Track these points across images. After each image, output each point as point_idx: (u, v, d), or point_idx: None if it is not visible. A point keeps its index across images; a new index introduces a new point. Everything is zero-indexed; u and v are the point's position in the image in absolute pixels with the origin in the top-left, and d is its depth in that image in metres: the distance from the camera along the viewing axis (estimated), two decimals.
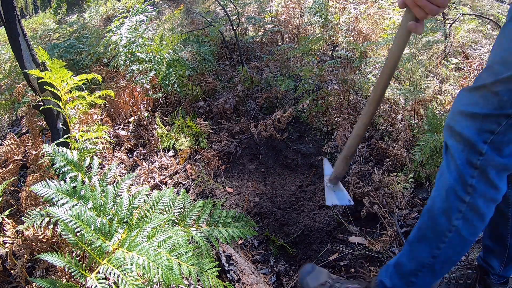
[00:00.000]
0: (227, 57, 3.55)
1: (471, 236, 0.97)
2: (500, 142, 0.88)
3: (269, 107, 2.73)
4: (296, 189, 2.01)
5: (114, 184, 1.17)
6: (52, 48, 3.34)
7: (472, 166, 0.91)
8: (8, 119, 3.18)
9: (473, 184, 0.91)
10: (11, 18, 1.63)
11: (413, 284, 1.08)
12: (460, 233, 0.97)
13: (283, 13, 4.13)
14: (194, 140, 2.33)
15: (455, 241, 0.98)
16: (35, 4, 17.19)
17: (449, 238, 0.98)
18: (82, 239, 0.91)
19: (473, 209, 0.93)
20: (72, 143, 1.54)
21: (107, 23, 5.78)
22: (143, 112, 2.81)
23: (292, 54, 2.97)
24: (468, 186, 0.92)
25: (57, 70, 1.46)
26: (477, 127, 0.90)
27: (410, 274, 1.08)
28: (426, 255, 1.04)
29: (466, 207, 0.94)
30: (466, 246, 1.00)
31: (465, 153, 0.92)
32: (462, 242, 0.98)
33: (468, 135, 0.91)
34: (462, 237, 0.97)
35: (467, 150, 0.92)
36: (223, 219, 1.23)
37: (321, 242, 1.60)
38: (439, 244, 1.01)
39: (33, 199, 1.58)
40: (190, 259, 0.95)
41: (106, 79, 2.91)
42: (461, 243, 0.99)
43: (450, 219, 0.96)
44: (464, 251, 1.02)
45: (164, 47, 2.71)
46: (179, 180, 2.07)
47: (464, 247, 1.01)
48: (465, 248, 1.01)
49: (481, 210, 0.93)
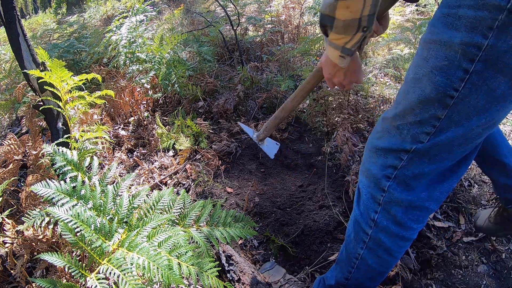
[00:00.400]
0: (227, 57, 3.55)
1: (380, 267, 0.98)
2: (404, 176, 0.86)
3: (269, 107, 2.73)
4: (296, 189, 2.01)
5: (114, 184, 1.17)
6: (52, 48, 3.34)
7: (376, 202, 0.91)
8: (8, 119, 3.18)
9: (375, 219, 0.92)
10: (11, 18, 1.63)
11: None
12: (367, 262, 0.99)
13: (283, 13, 4.12)
14: (194, 140, 2.33)
15: (364, 268, 1.01)
16: (35, 4, 17.19)
17: (357, 265, 1.01)
18: (82, 239, 0.91)
19: (376, 243, 0.95)
20: (72, 143, 1.54)
21: (107, 23, 5.78)
22: (143, 112, 2.81)
23: (292, 54, 2.97)
24: (371, 221, 0.93)
25: (57, 70, 1.46)
26: (381, 162, 0.89)
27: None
28: (341, 275, 1.08)
29: (369, 239, 0.96)
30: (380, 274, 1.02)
31: (370, 189, 0.93)
32: (372, 271, 1.00)
33: (374, 171, 0.91)
34: (370, 266, 0.99)
35: (372, 186, 0.92)
36: (223, 219, 1.23)
37: (321, 242, 1.60)
38: (350, 268, 1.04)
39: (33, 199, 1.57)
40: (190, 259, 0.95)
41: (106, 79, 2.91)
42: (370, 271, 1.00)
43: (356, 247, 0.99)
44: (378, 278, 1.03)
45: (164, 47, 2.71)
46: (179, 180, 2.07)
47: (376, 275, 1.02)
48: (379, 276, 1.03)
49: (386, 245, 0.93)
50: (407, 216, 0.88)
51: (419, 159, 0.84)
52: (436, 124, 0.78)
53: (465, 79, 0.71)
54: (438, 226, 1.61)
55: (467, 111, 0.74)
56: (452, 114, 0.76)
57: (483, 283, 1.39)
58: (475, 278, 1.41)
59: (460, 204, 1.70)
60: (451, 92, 0.73)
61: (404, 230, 0.90)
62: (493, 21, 0.64)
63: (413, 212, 0.88)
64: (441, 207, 1.70)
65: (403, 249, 0.95)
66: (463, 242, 1.55)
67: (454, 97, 0.74)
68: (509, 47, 0.65)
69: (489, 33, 0.65)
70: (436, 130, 0.79)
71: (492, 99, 0.72)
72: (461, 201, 1.71)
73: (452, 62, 0.71)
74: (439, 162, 0.84)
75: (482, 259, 1.48)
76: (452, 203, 1.71)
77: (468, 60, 0.69)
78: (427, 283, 1.39)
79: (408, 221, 0.89)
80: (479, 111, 0.74)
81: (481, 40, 0.66)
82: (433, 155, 0.83)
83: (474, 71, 0.69)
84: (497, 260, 1.47)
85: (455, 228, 1.61)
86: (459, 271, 1.44)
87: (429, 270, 1.45)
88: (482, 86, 0.71)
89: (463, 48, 0.69)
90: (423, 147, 0.82)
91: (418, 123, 0.80)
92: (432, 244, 1.53)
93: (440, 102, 0.75)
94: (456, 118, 0.76)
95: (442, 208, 1.69)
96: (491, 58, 0.67)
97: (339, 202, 1.77)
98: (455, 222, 1.64)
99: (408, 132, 0.83)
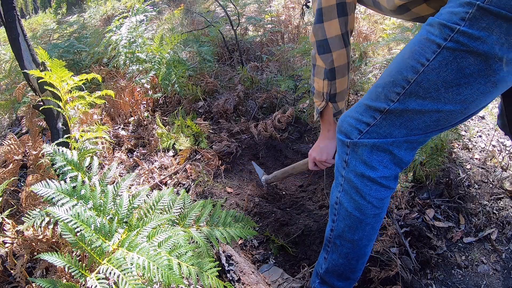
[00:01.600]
0: (227, 57, 3.55)
1: (355, 210, 1.03)
2: (376, 133, 0.97)
3: (269, 107, 2.73)
4: (296, 189, 2.01)
5: (114, 184, 1.17)
6: (52, 48, 3.34)
7: (345, 145, 1.02)
8: (8, 119, 3.18)
9: (346, 160, 1.02)
10: (11, 18, 1.63)
11: (325, 260, 1.17)
12: (343, 205, 1.05)
13: (283, 13, 4.13)
14: (194, 140, 2.33)
15: (342, 214, 1.07)
16: (35, 4, 17.19)
17: (337, 210, 1.08)
18: (82, 239, 0.91)
19: (348, 183, 1.03)
20: (72, 143, 1.54)
21: (107, 23, 5.78)
22: (143, 112, 2.81)
23: (292, 54, 2.97)
24: (344, 162, 1.03)
25: (57, 70, 1.46)
26: (357, 117, 1.01)
27: (324, 249, 1.19)
28: (328, 229, 1.14)
29: (344, 181, 1.04)
30: (358, 223, 1.05)
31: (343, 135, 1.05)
32: (349, 217, 1.05)
33: (350, 121, 1.03)
34: (347, 211, 1.05)
35: (344, 134, 1.04)
36: (223, 219, 1.23)
37: (321, 242, 1.60)
38: (333, 216, 1.11)
39: (33, 199, 1.58)
40: (190, 259, 0.95)
41: (106, 79, 2.91)
42: (348, 217, 1.06)
43: (335, 192, 1.08)
44: (358, 228, 1.06)
45: (164, 47, 2.71)
46: (179, 180, 2.07)
47: (354, 222, 1.06)
48: (358, 225, 1.06)
49: (356, 185, 1.01)
50: (372, 157, 0.97)
51: (391, 120, 0.93)
52: (405, 86, 0.89)
53: (436, 52, 0.83)
54: (438, 226, 1.61)
55: (436, 82, 0.85)
56: (422, 80, 0.86)
57: (483, 283, 1.39)
58: (475, 278, 1.41)
59: (460, 204, 1.70)
60: (423, 60, 0.85)
61: (370, 169, 0.98)
62: (465, 14, 0.78)
63: (378, 152, 0.97)
64: (441, 207, 1.70)
65: (373, 193, 1.00)
66: (463, 242, 1.55)
67: (424, 65, 0.85)
68: (479, 35, 0.78)
69: (461, 22, 0.79)
70: (405, 91, 0.89)
71: (461, 76, 0.82)
72: (461, 201, 1.71)
73: (429, 36, 0.85)
74: (409, 129, 0.92)
75: (482, 259, 1.48)
76: (452, 203, 1.71)
77: (442, 38, 0.82)
78: (427, 283, 1.40)
79: (373, 161, 0.97)
80: (447, 85, 0.84)
81: (455, 24, 0.80)
82: (404, 120, 0.92)
83: (445, 47, 0.82)
84: (497, 260, 1.47)
85: (455, 228, 1.61)
86: (459, 271, 1.44)
87: (429, 270, 1.45)
88: (452, 62, 0.82)
89: (440, 28, 0.83)
90: (394, 108, 0.91)
91: (392, 83, 0.92)
92: (432, 244, 1.53)
93: (412, 68, 0.87)
94: (425, 85, 0.86)
95: (442, 208, 1.70)
96: (462, 40, 0.80)
97: None
98: (455, 222, 1.64)
99: (382, 90, 0.94)
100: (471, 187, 1.80)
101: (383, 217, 1.07)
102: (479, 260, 1.47)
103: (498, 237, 1.56)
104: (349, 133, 1.00)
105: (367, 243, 1.09)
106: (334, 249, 1.13)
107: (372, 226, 1.06)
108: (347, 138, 1.01)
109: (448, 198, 1.74)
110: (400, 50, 1.00)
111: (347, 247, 1.10)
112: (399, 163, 0.98)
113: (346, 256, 1.11)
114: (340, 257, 1.12)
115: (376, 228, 1.08)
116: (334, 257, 1.14)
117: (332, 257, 1.14)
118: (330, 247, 1.15)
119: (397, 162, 0.97)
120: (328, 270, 1.16)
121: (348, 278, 1.16)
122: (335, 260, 1.14)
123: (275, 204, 1.88)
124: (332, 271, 1.16)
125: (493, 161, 1.97)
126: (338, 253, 1.12)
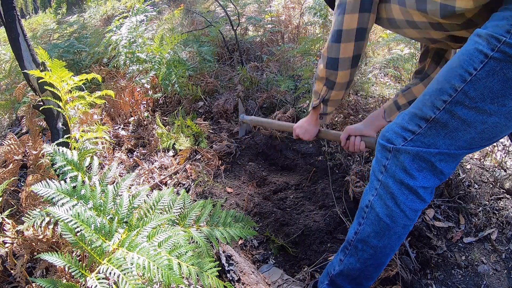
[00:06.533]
0: (227, 57, 3.55)
1: (386, 217, 1.02)
2: (420, 142, 0.97)
3: (269, 107, 2.73)
4: (296, 189, 2.01)
5: (114, 184, 1.18)
6: (52, 48, 3.34)
7: (387, 150, 1.02)
8: (8, 119, 3.18)
9: (386, 165, 1.02)
10: (11, 18, 1.63)
11: (341, 262, 1.15)
12: (375, 210, 1.04)
13: (283, 13, 4.12)
14: (194, 140, 2.33)
15: (372, 218, 1.06)
16: (35, 4, 17.20)
17: (366, 213, 1.07)
18: (82, 239, 0.91)
19: (385, 189, 1.02)
20: (72, 143, 1.54)
21: (107, 23, 5.78)
22: (143, 112, 2.81)
23: (292, 54, 2.97)
24: (382, 167, 1.03)
25: (57, 70, 1.46)
26: (403, 124, 1.01)
27: (341, 251, 1.17)
28: (352, 231, 1.13)
29: (380, 185, 1.04)
30: (386, 230, 1.04)
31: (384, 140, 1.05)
32: (379, 222, 1.04)
33: (395, 128, 1.03)
34: (377, 215, 1.04)
35: (386, 139, 1.04)
36: (223, 219, 1.23)
37: (321, 242, 1.60)
38: (360, 219, 1.09)
39: (33, 199, 1.58)
40: (190, 259, 0.95)
41: (106, 79, 2.91)
42: (377, 222, 1.04)
43: (368, 195, 1.07)
44: (384, 236, 1.05)
45: (164, 47, 2.71)
46: (179, 180, 2.07)
47: (382, 229, 1.04)
48: (385, 233, 1.04)
49: (393, 192, 1.00)
50: (413, 165, 0.97)
51: (436, 130, 0.93)
52: (452, 94, 0.89)
53: (484, 62, 0.84)
54: (438, 226, 1.61)
55: (482, 92, 0.85)
56: (469, 90, 0.86)
57: (483, 283, 1.39)
58: (475, 278, 1.41)
59: (460, 204, 1.70)
60: (470, 69, 0.86)
61: (409, 177, 0.97)
62: (510, 26, 0.81)
63: (419, 162, 0.97)
64: (441, 207, 1.70)
65: (408, 202, 0.99)
66: (463, 242, 1.55)
67: (472, 75, 0.86)
68: None
69: (507, 35, 0.81)
70: (452, 99, 0.89)
71: (507, 86, 0.83)
72: (461, 201, 1.71)
73: (477, 47, 0.86)
74: (454, 139, 0.92)
75: (482, 259, 1.48)
76: (452, 203, 1.71)
77: (490, 48, 0.83)
78: (427, 283, 1.40)
79: (413, 170, 0.97)
80: (493, 95, 0.84)
81: (501, 36, 0.82)
82: (449, 130, 0.92)
83: (493, 57, 0.83)
84: (497, 260, 1.47)
85: (455, 228, 1.61)
86: (459, 271, 1.44)
87: (429, 270, 1.45)
88: (499, 72, 0.82)
89: (487, 38, 0.84)
90: (440, 117, 0.92)
91: (439, 91, 0.92)
92: (432, 244, 1.53)
93: (460, 76, 0.88)
94: (472, 94, 0.86)
95: (442, 208, 1.70)
96: (508, 51, 0.81)
97: (339, 202, 1.77)
98: (455, 222, 1.64)
99: (429, 98, 0.94)
100: (471, 187, 1.80)
101: (410, 231, 1.06)
102: (479, 260, 1.47)
103: (498, 237, 1.56)
104: (393, 139, 1.00)
105: (389, 252, 1.08)
106: (353, 253, 1.12)
107: (398, 236, 1.04)
108: (390, 144, 1.01)
109: (448, 198, 1.74)
110: (399, 50, 1.00)
111: (368, 253, 1.09)
112: (439, 175, 0.97)
113: (365, 261, 1.10)
114: (358, 262, 1.11)
115: (401, 240, 1.06)
116: (352, 260, 1.12)
117: (350, 260, 1.13)
118: (349, 250, 1.13)
119: (437, 174, 0.97)
120: (342, 272, 1.15)
121: (361, 284, 1.15)
122: (352, 264, 1.12)
123: (275, 204, 1.88)
124: (346, 275, 1.14)
125: (493, 161, 1.97)
126: (357, 257, 1.11)
